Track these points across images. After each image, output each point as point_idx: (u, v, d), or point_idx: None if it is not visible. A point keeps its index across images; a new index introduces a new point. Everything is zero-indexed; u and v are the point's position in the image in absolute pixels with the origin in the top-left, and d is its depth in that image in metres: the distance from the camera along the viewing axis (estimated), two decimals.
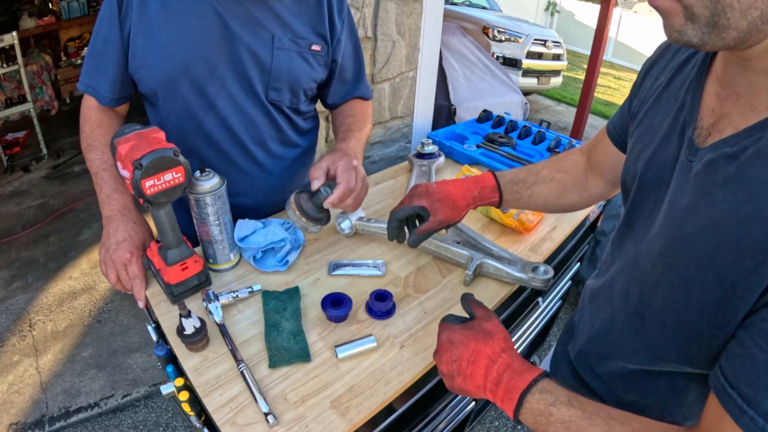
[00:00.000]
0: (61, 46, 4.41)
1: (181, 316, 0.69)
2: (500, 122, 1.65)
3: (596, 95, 5.49)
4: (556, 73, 5.25)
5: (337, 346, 0.74)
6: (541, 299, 1.02)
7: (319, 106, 1.17)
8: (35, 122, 3.35)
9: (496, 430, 1.70)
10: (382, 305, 0.81)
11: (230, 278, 0.90)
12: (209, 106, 0.92)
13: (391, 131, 2.27)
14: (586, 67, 4.12)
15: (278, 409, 0.65)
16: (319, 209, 0.86)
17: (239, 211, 1.02)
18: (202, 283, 0.84)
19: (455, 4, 5.65)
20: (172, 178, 0.71)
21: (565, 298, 1.32)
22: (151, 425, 1.66)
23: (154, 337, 0.81)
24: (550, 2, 10.48)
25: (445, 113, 3.10)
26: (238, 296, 0.82)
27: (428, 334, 0.79)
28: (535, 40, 4.94)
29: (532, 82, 5.04)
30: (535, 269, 0.88)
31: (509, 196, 0.83)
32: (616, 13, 7.65)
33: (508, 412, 0.53)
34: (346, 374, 0.71)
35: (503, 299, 0.90)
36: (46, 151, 3.43)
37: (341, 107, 1.12)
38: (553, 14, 10.57)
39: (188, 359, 0.72)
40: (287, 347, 0.74)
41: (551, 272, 0.87)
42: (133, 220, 0.86)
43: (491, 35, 4.86)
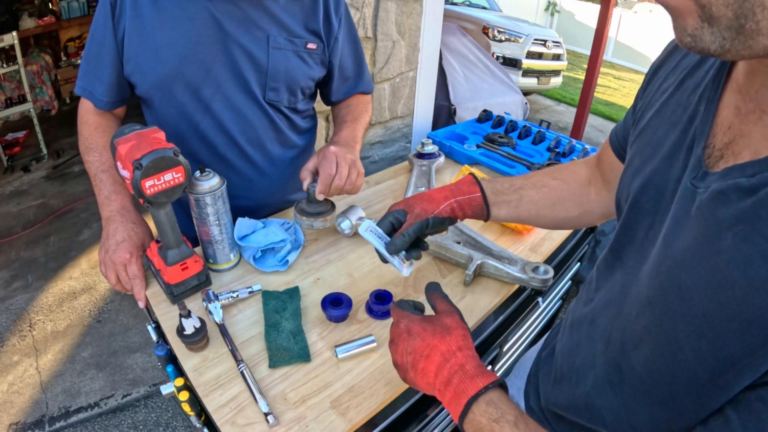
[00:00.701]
0: (61, 46, 4.41)
1: (181, 316, 0.69)
2: (500, 122, 1.65)
3: (596, 95, 5.48)
4: (556, 73, 5.25)
5: (337, 346, 0.74)
6: (541, 299, 1.02)
7: (318, 105, 1.17)
8: (35, 122, 3.35)
9: None
10: (382, 305, 0.81)
11: (230, 278, 0.90)
12: (205, 109, 0.92)
13: (391, 131, 2.27)
14: (586, 67, 4.12)
15: (278, 409, 0.65)
16: (316, 204, 0.93)
17: (238, 213, 1.02)
18: (202, 283, 0.84)
19: (455, 4, 5.65)
20: (172, 178, 0.71)
21: (565, 298, 1.32)
22: (151, 425, 1.66)
23: (154, 337, 0.81)
24: (550, 2, 10.48)
25: (445, 113, 3.10)
26: (238, 296, 0.82)
27: None
28: (535, 40, 4.94)
29: (532, 82, 5.04)
30: (535, 269, 0.88)
31: (494, 196, 0.74)
32: (616, 13, 7.64)
33: (453, 416, 0.50)
34: (346, 374, 0.71)
35: (503, 299, 0.90)
36: (46, 151, 3.43)
37: (340, 103, 1.14)
38: (553, 14, 10.57)
39: (188, 359, 0.72)
40: (287, 347, 0.74)
41: (551, 272, 0.87)
42: (132, 220, 0.86)
43: (491, 35, 4.86)
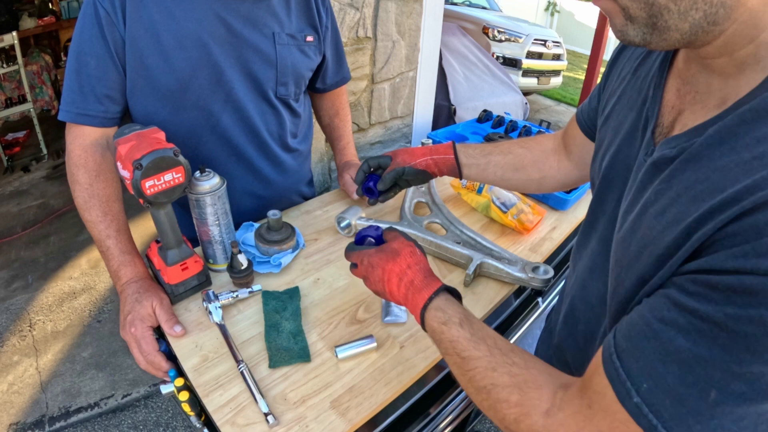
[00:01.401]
0: (61, 46, 4.41)
1: (233, 254, 0.81)
2: (500, 122, 1.65)
3: None
4: (556, 73, 5.24)
5: (337, 346, 0.74)
6: (541, 299, 1.02)
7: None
8: (35, 122, 3.35)
9: (496, 430, 1.70)
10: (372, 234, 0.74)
11: (230, 278, 0.90)
12: (220, 111, 0.91)
13: (391, 131, 2.26)
14: (586, 67, 4.12)
15: (278, 409, 0.65)
16: (276, 231, 0.94)
17: (254, 210, 1.04)
18: (202, 283, 0.84)
19: (455, 4, 5.65)
20: (172, 178, 0.71)
21: None
22: (151, 425, 1.66)
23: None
24: (550, 2, 10.48)
25: (445, 113, 3.10)
26: (238, 296, 0.82)
27: None
28: (535, 40, 4.94)
29: (532, 82, 5.04)
30: (535, 269, 0.88)
31: (465, 159, 0.85)
32: None
33: (418, 321, 0.58)
34: (346, 374, 0.71)
35: (503, 299, 0.90)
36: (46, 151, 3.43)
37: (324, 104, 1.20)
38: (553, 14, 10.57)
39: (188, 359, 0.72)
40: (287, 347, 0.74)
41: (551, 272, 0.87)
42: (136, 290, 0.78)
43: (491, 35, 4.86)
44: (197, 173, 0.81)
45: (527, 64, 4.89)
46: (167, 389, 0.71)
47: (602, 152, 0.58)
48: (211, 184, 0.81)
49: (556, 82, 5.31)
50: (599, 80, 0.68)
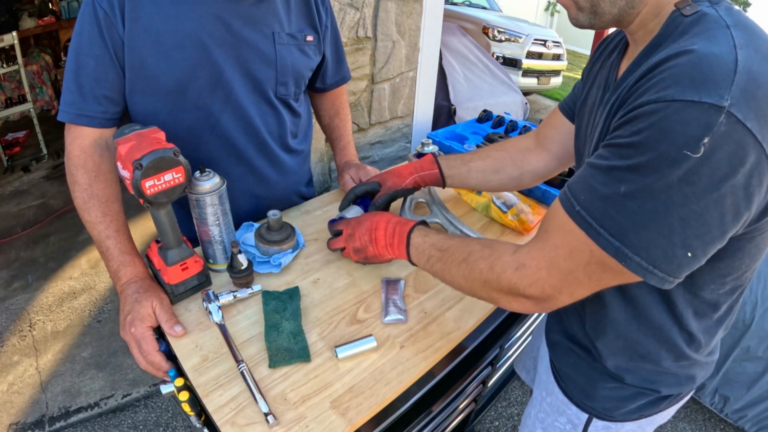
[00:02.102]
0: (61, 46, 4.41)
1: (233, 254, 0.81)
2: (500, 122, 1.65)
3: None
4: (556, 73, 5.25)
5: (337, 346, 0.74)
6: None
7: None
8: (35, 122, 3.35)
9: (496, 430, 1.70)
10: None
11: (230, 278, 0.90)
12: (219, 112, 0.91)
13: (391, 131, 2.27)
14: None
15: (278, 409, 0.65)
16: (276, 231, 0.95)
17: (255, 211, 1.04)
18: (202, 283, 0.84)
19: (455, 4, 5.65)
20: (172, 178, 0.71)
21: None
22: (151, 425, 1.66)
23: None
24: (550, 2, 10.48)
25: (445, 113, 3.10)
26: (238, 296, 0.82)
27: (428, 334, 0.79)
28: (535, 40, 4.94)
29: (532, 82, 5.04)
30: None
31: (448, 170, 0.95)
32: None
33: (402, 254, 0.76)
34: (346, 374, 0.71)
35: None
36: (46, 151, 3.43)
37: (324, 104, 1.20)
38: (553, 14, 10.57)
39: (188, 359, 0.72)
40: (287, 347, 0.74)
41: None
42: (136, 290, 0.78)
43: (491, 35, 4.86)
44: (197, 173, 0.81)
45: (527, 64, 4.89)
46: (167, 389, 0.71)
47: (583, 128, 0.72)
48: (211, 184, 0.81)
49: (556, 82, 5.31)
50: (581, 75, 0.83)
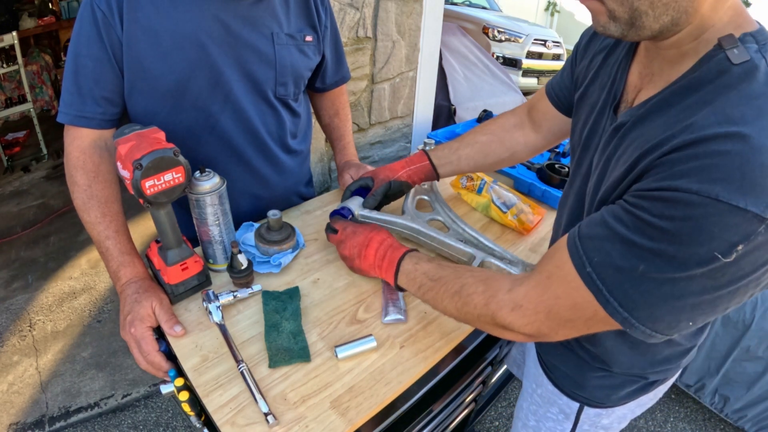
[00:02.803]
0: (61, 46, 4.41)
1: (233, 254, 0.81)
2: None
3: None
4: (556, 73, 5.24)
5: (337, 346, 0.74)
6: None
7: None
8: (35, 122, 3.35)
9: (496, 430, 1.70)
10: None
11: (230, 278, 0.90)
12: (218, 112, 0.91)
13: (391, 131, 2.27)
14: None
15: (278, 409, 0.65)
16: (276, 232, 0.95)
17: (254, 211, 1.04)
18: (202, 283, 0.84)
19: (455, 4, 5.64)
20: (172, 178, 0.71)
21: None
22: (151, 425, 1.66)
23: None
24: (550, 2, 10.48)
25: (445, 113, 3.09)
26: (238, 296, 0.82)
27: (428, 334, 0.79)
28: (535, 40, 4.94)
29: (532, 82, 5.04)
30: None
31: (438, 160, 0.96)
32: None
33: (390, 279, 0.74)
34: (346, 374, 0.71)
35: None
36: (46, 151, 3.43)
37: (324, 103, 1.20)
38: (553, 14, 10.56)
39: (188, 359, 0.72)
40: (287, 347, 0.74)
41: None
42: (136, 291, 0.78)
43: (491, 35, 4.86)
44: (197, 173, 0.81)
45: (527, 64, 4.89)
46: (167, 389, 0.71)
47: (581, 125, 0.69)
48: (211, 183, 0.81)
49: None
50: (567, 60, 0.82)
